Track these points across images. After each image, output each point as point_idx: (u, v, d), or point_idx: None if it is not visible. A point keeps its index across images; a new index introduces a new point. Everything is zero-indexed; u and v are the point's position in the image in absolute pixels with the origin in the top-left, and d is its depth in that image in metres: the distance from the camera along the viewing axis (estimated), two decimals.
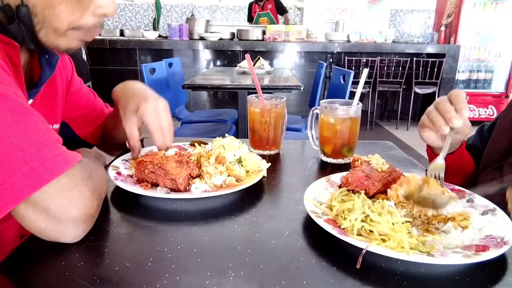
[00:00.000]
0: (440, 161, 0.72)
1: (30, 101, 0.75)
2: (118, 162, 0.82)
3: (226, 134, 0.91)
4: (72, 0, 0.62)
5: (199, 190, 0.72)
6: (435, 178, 0.69)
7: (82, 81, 0.99)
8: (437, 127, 0.73)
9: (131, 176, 0.77)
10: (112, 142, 1.02)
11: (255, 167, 0.83)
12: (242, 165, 0.83)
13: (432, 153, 0.90)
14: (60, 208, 0.54)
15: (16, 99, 0.54)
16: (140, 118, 0.81)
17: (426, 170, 0.77)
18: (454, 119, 0.69)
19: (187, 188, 0.73)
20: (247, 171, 0.82)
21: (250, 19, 6.23)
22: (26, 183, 0.51)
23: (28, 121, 0.54)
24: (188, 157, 0.77)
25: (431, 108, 0.77)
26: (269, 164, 0.86)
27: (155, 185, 0.72)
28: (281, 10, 6.07)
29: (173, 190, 0.71)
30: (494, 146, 0.90)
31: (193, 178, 0.75)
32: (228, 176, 0.77)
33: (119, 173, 0.76)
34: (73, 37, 0.66)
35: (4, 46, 0.64)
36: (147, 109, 0.80)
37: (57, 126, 0.87)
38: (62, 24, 0.63)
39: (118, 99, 0.86)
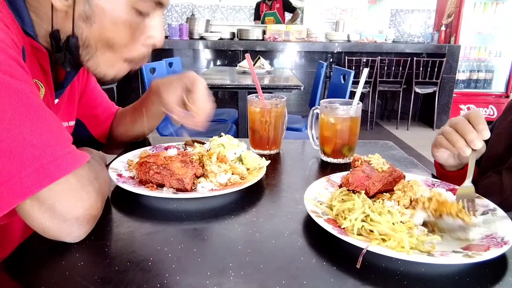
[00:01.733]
0: (468, 185, 0.67)
1: (56, 100, 0.76)
2: (117, 164, 0.82)
3: (222, 133, 0.91)
4: (126, 33, 0.65)
5: (205, 189, 0.72)
6: (465, 206, 0.63)
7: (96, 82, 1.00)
8: (458, 149, 0.69)
9: (132, 178, 0.77)
10: (118, 140, 1.03)
11: (255, 165, 0.84)
12: (243, 163, 0.83)
13: (442, 169, 0.88)
14: (66, 207, 0.54)
15: (32, 96, 0.54)
16: (182, 84, 0.85)
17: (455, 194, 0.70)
18: (476, 141, 0.66)
19: (193, 188, 0.73)
20: (248, 169, 0.82)
21: (257, 17, 6.26)
22: (35, 179, 0.51)
23: (42, 119, 0.54)
24: (190, 157, 0.77)
25: (448, 129, 0.74)
26: (269, 161, 0.86)
27: (159, 186, 0.72)
28: (290, 8, 6.09)
29: (179, 190, 0.71)
30: (492, 150, 0.90)
31: (198, 177, 0.75)
32: (232, 174, 0.77)
33: (120, 175, 0.76)
34: (122, 68, 0.69)
35: (34, 51, 0.65)
36: (185, 74, 0.86)
37: (73, 123, 0.89)
38: (114, 57, 0.67)
39: (160, 83, 0.89)
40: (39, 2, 0.63)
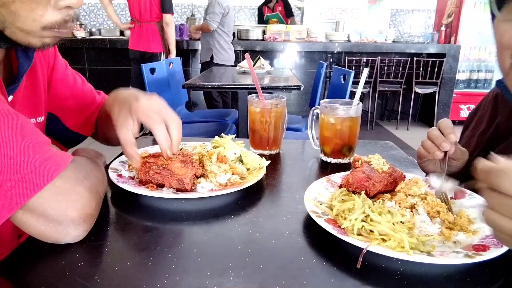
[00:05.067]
0: (443, 183, 0.72)
1: (10, 97, 0.71)
2: (116, 164, 0.81)
3: (223, 134, 0.91)
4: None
5: (205, 189, 0.72)
6: (442, 199, 0.69)
7: (68, 65, 0.91)
8: (432, 154, 0.79)
9: (132, 178, 0.76)
10: (107, 137, 0.95)
11: (255, 165, 0.84)
12: (243, 163, 0.83)
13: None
14: (58, 211, 0.53)
15: None
16: (136, 119, 0.72)
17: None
18: (443, 144, 0.76)
19: (193, 188, 0.73)
20: (248, 169, 0.83)
21: (261, 22, 6.28)
22: (20, 191, 0.50)
23: (13, 127, 0.52)
24: (190, 157, 0.77)
25: (424, 140, 0.84)
26: (269, 161, 0.86)
27: (159, 186, 0.72)
28: (289, 13, 6.10)
29: (179, 190, 0.71)
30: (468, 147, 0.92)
31: (198, 177, 0.75)
32: (232, 174, 0.77)
33: (120, 175, 0.76)
34: (46, 36, 0.61)
35: None
36: (139, 106, 0.72)
37: (41, 119, 0.82)
38: (26, 24, 0.58)
39: (111, 108, 0.78)
40: None
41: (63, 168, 0.55)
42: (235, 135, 0.94)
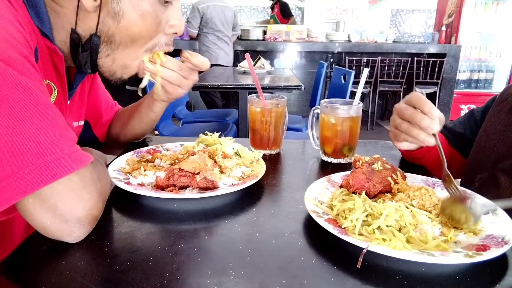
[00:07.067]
0: (446, 170, 0.67)
1: (69, 102, 0.78)
2: (115, 174, 0.76)
3: (207, 132, 0.91)
4: (152, 25, 0.67)
5: (226, 184, 0.73)
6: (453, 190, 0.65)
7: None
8: (422, 141, 0.70)
9: (141, 185, 0.74)
10: (116, 139, 1.03)
11: (252, 158, 0.85)
12: (241, 157, 0.84)
13: (405, 152, 0.92)
14: (68, 207, 0.54)
15: (39, 94, 0.54)
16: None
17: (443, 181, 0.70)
18: (432, 125, 0.67)
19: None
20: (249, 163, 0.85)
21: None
22: (38, 176, 0.51)
23: (48, 116, 0.54)
24: (211, 153, 0.78)
25: (401, 122, 0.72)
26: (262, 153, 0.87)
27: (180, 188, 0.72)
28: (286, 14, 6.12)
29: (205, 189, 0.71)
30: (485, 144, 0.88)
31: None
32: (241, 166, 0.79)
33: (129, 183, 0.73)
34: (134, 64, 0.72)
35: (50, 52, 0.66)
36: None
37: (82, 122, 0.89)
38: (138, 49, 0.69)
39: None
40: (60, 4, 0.64)
41: (84, 164, 0.56)
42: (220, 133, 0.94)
